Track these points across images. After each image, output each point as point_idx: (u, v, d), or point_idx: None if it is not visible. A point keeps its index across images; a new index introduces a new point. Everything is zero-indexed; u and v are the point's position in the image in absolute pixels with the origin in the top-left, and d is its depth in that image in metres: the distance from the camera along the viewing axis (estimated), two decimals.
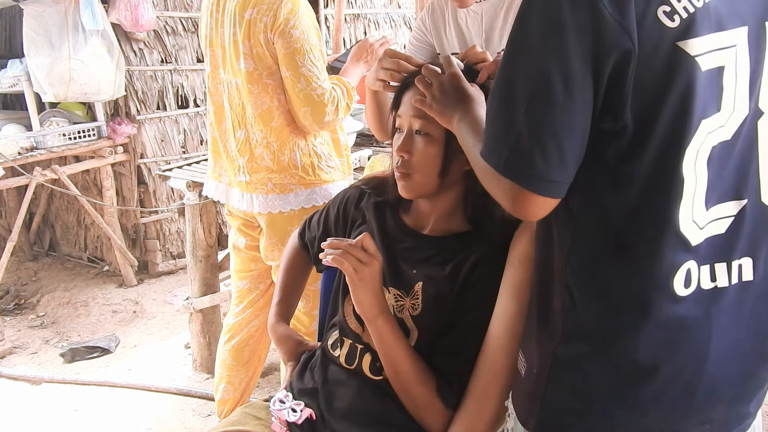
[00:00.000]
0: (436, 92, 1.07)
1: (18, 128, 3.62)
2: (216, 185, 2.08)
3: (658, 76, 0.75)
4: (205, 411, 2.52)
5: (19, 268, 4.20)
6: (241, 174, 1.95)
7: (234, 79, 1.88)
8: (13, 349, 3.17)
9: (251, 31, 1.78)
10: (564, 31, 0.74)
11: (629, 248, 0.82)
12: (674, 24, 0.74)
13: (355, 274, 1.09)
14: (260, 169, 1.91)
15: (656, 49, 0.74)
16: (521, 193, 0.80)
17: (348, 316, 1.25)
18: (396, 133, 1.22)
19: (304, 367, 1.32)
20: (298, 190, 1.91)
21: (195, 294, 2.66)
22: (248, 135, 1.90)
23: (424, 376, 1.12)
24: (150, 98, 3.84)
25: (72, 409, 2.59)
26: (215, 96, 1.97)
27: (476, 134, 0.96)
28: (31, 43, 3.39)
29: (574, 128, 0.77)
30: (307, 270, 1.50)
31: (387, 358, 1.14)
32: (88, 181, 4.00)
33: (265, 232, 1.97)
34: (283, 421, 1.23)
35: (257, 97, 1.84)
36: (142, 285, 3.89)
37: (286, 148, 1.88)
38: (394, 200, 1.28)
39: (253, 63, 1.81)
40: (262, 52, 1.80)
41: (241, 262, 2.14)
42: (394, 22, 4.97)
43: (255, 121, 1.87)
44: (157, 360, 3.00)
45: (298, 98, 1.81)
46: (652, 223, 0.80)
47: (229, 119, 1.94)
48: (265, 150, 1.89)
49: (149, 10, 3.58)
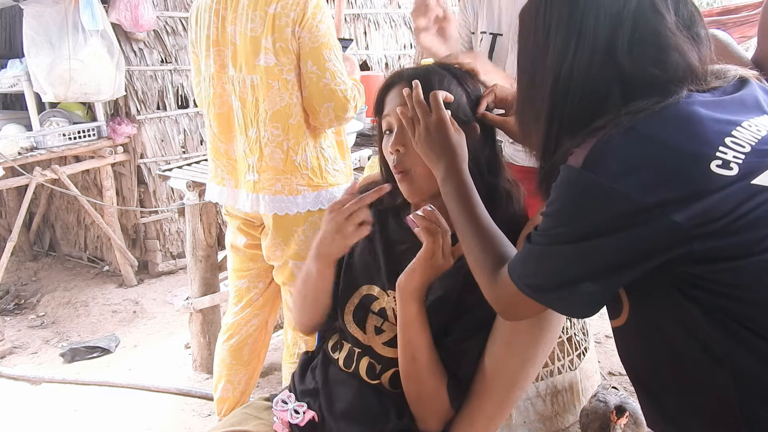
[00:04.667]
0: (421, 133, 1.08)
1: (18, 128, 3.62)
2: (220, 189, 2.04)
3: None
4: (205, 411, 2.52)
5: (19, 268, 4.20)
6: (250, 173, 1.92)
7: (249, 75, 1.84)
8: (13, 349, 3.17)
9: (275, 26, 1.76)
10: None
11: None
12: (733, 172, 0.77)
13: (432, 256, 1.07)
14: (269, 168, 1.88)
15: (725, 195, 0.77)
16: (525, 302, 0.89)
17: (348, 323, 1.25)
18: (384, 136, 1.21)
19: (305, 368, 1.32)
20: (306, 192, 1.90)
21: (195, 294, 2.66)
22: (259, 133, 1.87)
23: (438, 369, 1.12)
24: (150, 98, 3.84)
25: (72, 409, 2.59)
26: (221, 96, 1.93)
27: (462, 201, 1.01)
28: (31, 43, 3.39)
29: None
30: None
31: (409, 343, 1.12)
32: (88, 181, 4.00)
33: (270, 233, 1.96)
34: (285, 422, 1.23)
35: (276, 93, 1.82)
36: (142, 285, 3.89)
37: (299, 147, 1.87)
38: (392, 207, 1.26)
39: (275, 58, 1.79)
40: (285, 47, 1.77)
41: (240, 261, 2.13)
42: (394, 22, 4.97)
43: (269, 119, 1.84)
44: (157, 360, 3.00)
45: (321, 93, 1.80)
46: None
47: (240, 118, 1.90)
48: (276, 149, 1.86)
49: (149, 10, 3.58)
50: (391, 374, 1.18)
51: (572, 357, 2.28)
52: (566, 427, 2.23)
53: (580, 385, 2.29)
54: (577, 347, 2.30)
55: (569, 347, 2.27)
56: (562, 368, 2.24)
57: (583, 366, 2.31)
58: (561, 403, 2.24)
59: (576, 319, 2.26)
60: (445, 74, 1.20)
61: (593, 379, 2.39)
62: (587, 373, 2.34)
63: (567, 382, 2.25)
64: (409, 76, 1.19)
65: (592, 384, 2.36)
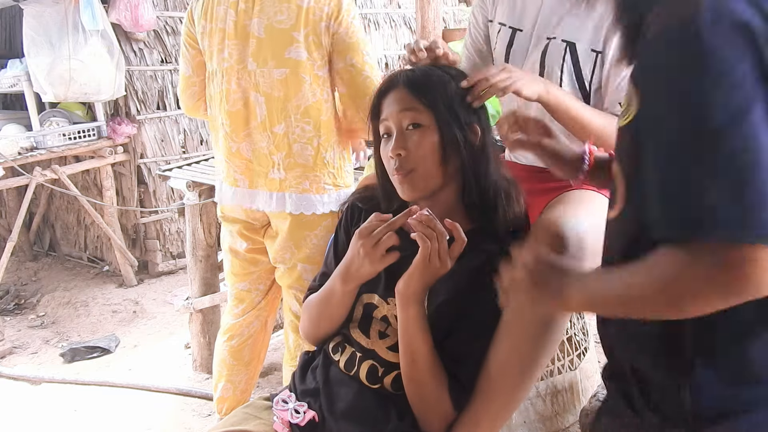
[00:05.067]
0: (530, 281, 0.89)
1: (18, 128, 3.62)
2: (234, 191, 1.94)
3: None
4: (205, 411, 2.52)
5: (19, 268, 4.21)
6: (275, 171, 1.85)
7: (276, 69, 1.77)
8: (13, 349, 3.17)
9: (308, 19, 1.74)
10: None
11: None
12: None
13: (428, 259, 1.07)
14: (297, 165, 1.82)
15: None
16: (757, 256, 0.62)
17: (352, 330, 1.25)
18: (382, 140, 1.21)
19: (305, 368, 1.32)
20: (331, 191, 1.86)
21: (195, 294, 2.66)
22: (288, 129, 1.80)
23: (439, 372, 1.12)
24: (150, 98, 3.84)
25: (72, 409, 2.59)
26: (234, 93, 1.83)
27: (610, 283, 0.78)
28: (31, 43, 3.39)
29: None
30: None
31: (409, 346, 1.12)
32: (88, 181, 4.00)
33: (282, 234, 1.90)
34: (286, 421, 1.23)
35: (309, 88, 1.78)
36: (142, 285, 3.89)
37: (329, 144, 1.84)
38: (388, 210, 1.25)
39: (306, 53, 1.76)
40: (318, 41, 1.75)
41: (240, 265, 2.09)
42: (394, 22, 4.97)
43: (301, 115, 1.79)
44: (157, 360, 2.99)
45: (362, 87, 1.77)
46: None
47: (262, 114, 1.82)
48: (306, 145, 1.81)
49: (149, 10, 3.58)
50: (394, 377, 1.18)
51: (572, 357, 2.28)
52: (566, 427, 2.23)
53: (580, 385, 2.28)
54: (577, 347, 2.30)
55: (569, 347, 2.27)
56: (562, 368, 2.24)
57: (583, 366, 2.31)
58: (561, 403, 2.24)
59: (576, 319, 2.26)
60: (443, 75, 1.20)
61: (593, 379, 2.38)
62: (587, 373, 2.33)
63: (567, 382, 2.25)
64: (406, 79, 1.19)
65: (592, 384, 2.35)
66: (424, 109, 1.16)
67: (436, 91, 1.17)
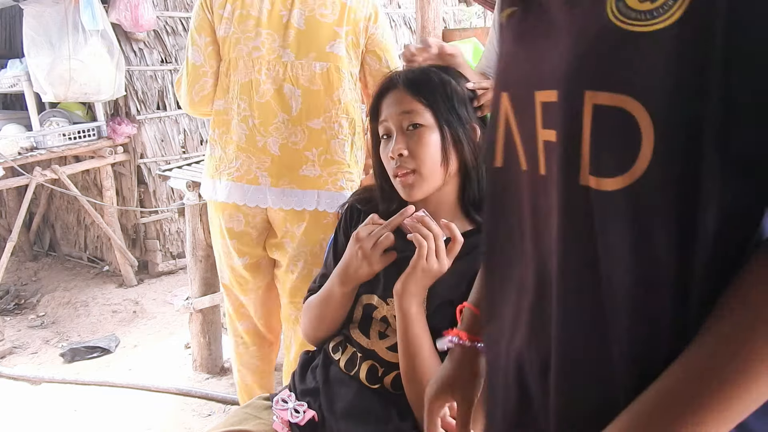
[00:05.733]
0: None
1: (18, 128, 3.62)
2: (254, 189, 1.81)
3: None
4: (205, 411, 2.52)
5: (19, 268, 4.21)
6: (309, 168, 1.77)
7: (317, 62, 1.74)
8: (13, 349, 3.17)
9: (350, 18, 1.75)
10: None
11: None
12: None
13: (424, 260, 1.07)
14: (333, 162, 1.78)
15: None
16: None
17: (353, 330, 1.25)
18: (381, 142, 1.21)
19: (305, 367, 1.32)
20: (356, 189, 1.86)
21: (195, 294, 2.66)
22: (327, 124, 1.76)
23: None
24: (150, 98, 3.85)
25: (72, 409, 2.59)
26: (264, 83, 1.75)
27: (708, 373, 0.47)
28: (31, 43, 3.39)
29: None
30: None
31: (408, 347, 1.12)
32: (88, 181, 4.00)
33: (296, 241, 1.83)
34: (285, 421, 1.23)
35: (348, 84, 1.79)
36: (142, 285, 3.89)
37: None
38: (386, 211, 1.25)
39: (345, 49, 1.76)
40: (356, 41, 1.77)
41: (239, 283, 2.00)
42: (394, 22, 4.96)
43: (341, 110, 1.77)
44: (157, 360, 3.00)
45: None
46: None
47: (299, 106, 1.75)
48: (344, 141, 1.79)
49: (149, 10, 3.58)
50: (394, 377, 1.18)
51: None
52: None
53: None
54: None
55: None
56: None
57: None
58: None
59: None
60: (442, 75, 1.20)
61: None
62: None
63: None
64: (405, 80, 1.19)
65: None
66: (424, 108, 1.16)
67: (435, 91, 1.17)
